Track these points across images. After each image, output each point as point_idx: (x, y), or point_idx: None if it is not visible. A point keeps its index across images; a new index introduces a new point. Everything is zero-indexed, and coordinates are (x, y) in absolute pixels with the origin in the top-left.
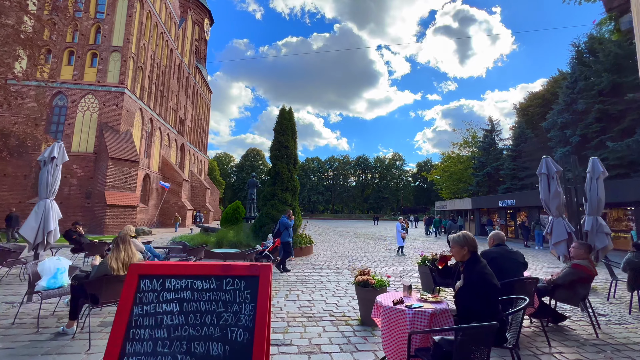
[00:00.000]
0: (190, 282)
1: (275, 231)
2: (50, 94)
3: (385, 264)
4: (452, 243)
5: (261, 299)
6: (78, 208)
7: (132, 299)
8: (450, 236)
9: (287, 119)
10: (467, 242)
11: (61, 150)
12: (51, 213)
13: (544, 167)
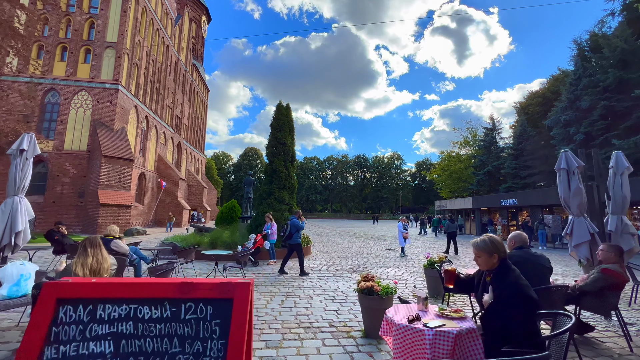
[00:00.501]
0: (133, 310)
1: (286, 233)
2: (42, 91)
3: (386, 265)
4: (478, 250)
5: (235, 332)
6: (71, 207)
7: (44, 337)
8: (474, 242)
9: (285, 115)
10: (497, 248)
11: (32, 143)
12: (20, 211)
13: (563, 162)
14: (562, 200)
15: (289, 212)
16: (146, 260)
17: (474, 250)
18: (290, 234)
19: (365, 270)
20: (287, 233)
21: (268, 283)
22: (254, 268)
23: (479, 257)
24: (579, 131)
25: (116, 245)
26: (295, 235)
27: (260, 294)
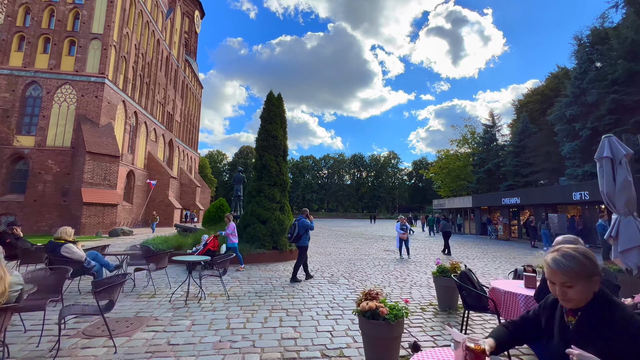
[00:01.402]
0: None
1: (294, 235)
2: (24, 84)
3: (386, 269)
4: (570, 275)
5: None
6: (53, 207)
7: None
8: (556, 262)
9: (276, 106)
10: (596, 266)
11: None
12: None
13: (606, 149)
14: (605, 197)
15: (281, 212)
16: (109, 267)
17: (560, 275)
18: (298, 235)
19: (363, 276)
20: (295, 234)
21: (253, 293)
22: (239, 274)
23: (570, 287)
24: (585, 127)
25: (68, 251)
26: (305, 236)
27: (240, 309)
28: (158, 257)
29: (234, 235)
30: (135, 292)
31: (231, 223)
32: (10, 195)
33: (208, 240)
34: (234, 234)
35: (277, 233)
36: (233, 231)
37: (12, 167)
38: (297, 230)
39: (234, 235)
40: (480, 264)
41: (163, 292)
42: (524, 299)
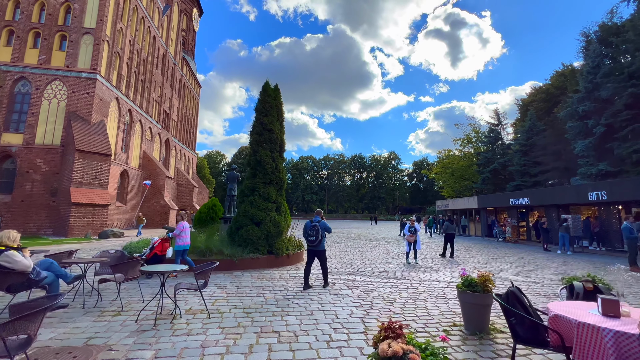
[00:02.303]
0: None
1: (319, 238)
2: (12, 80)
3: (394, 276)
4: None
5: None
6: (42, 207)
7: None
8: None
9: (272, 97)
10: None
11: None
12: None
13: None
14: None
15: (277, 212)
16: (66, 278)
17: None
18: (320, 240)
19: (368, 285)
20: (319, 239)
21: (240, 309)
22: (227, 282)
23: None
24: (599, 123)
25: (8, 259)
26: (324, 239)
27: (221, 332)
28: (127, 265)
29: (182, 237)
30: (98, 308)
31: (182, 222)
32: None
33: (155, 243)
34: (182, 235)
35: (273, 236)
36: (182, 232)
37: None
38: (320, 233)
39: (180, 237)
40: (495, 270)
41: (133, 308)
42: (614, 337)
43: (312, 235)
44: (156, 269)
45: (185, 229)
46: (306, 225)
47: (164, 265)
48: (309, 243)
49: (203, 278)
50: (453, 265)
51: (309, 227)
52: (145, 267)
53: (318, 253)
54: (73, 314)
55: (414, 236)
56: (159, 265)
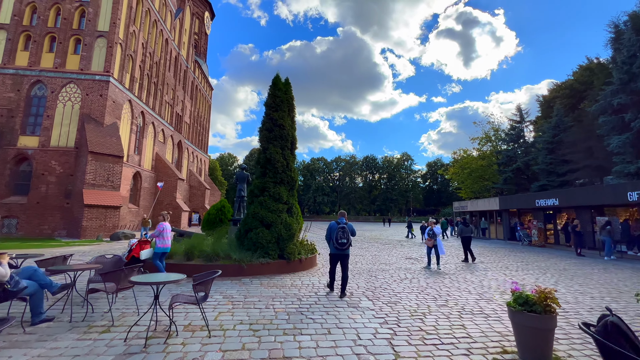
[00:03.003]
0: None
1: (348, 242)
2: (28, 83)
3: (417, 285)
4: None
5: None
6: (56, 209)
7: None
8: None
9: (283, 91)
10: None
11: None
12: None
13: None
14: None
15: (288, 214)
16: (51, 288)
17: None
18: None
19: (391, 295)
20: (349, 242)
21: (246, 324)
22: (234, 292)
23: None
24: (638, 117)
25: None
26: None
27: (222, 356)
28: (119, 273)
29: (162, 238)
30: (87, 322)
31: (162, 223)
32: (13, 197)
33: (133, 245)
34: (162, 236)
35: (284, 239)
36: (161, 233)
37: (16, 168)
38: (350, 237)
39: (160, 238)
40: (529, 278)
41: (125, 322)
42: None
43: (343, 238)
44: (149, 279)
45: (166, 230)
46: (332, 227)
47: (158, 274)
48: (338, 246)
49: (203, 290)
50: (479, 271)
51: (337, 229)
52: (137, 278)
53: (344, 258)
54: (57, 330)
55: (433, 240)
56: (154, 275)
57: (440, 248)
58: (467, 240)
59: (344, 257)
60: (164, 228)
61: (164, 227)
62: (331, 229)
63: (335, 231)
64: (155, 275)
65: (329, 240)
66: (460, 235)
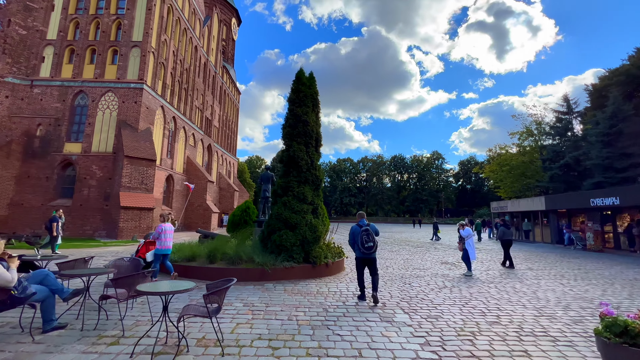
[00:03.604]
0: None
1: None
2: (72, 94)
3: (459, 295)
4: None
5: None
6: (97, 210)
7: None
8: None
9: (307, 86)
10: None
11: None
12: None
13: None
14: None
15: (313, 215)
16: (62, 293)
17: None
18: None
19: (429, 307)
20: (375, 243)
21: (265, 339)
22: (256, 298)
23: None
24: None
25: None
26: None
27: None
28: (132, 279)
29: (160, 240)
30: (98, 330)
31: (161, 224)
32: (60, 199)
33: (140, 246)
34: (160, 238)
35: (309, 242)
36: (161, 234)
37: (63, 173)
38: (374, 237)
39: (160, 240)
40: (596, 292)
41: (137, 333)
42: None
43: (369, 241)
44: (155, 288)
45: (166, 232)
46: (354, 231)
47: (167, 283)
48: (365, 250)
49: (216, 301)
50: (530, 280)
51: (361, 232)
52: (143, 286)
53: (371, 262)
54: (66, 339)
55: (461, 244)
56: (161, 283)
57: (471, 252)
58: (508, 243)
59: (372, 261)
60: (163, 229)
61: (162, 229)
62: (354, 233)
63: (359, 235)
64: (163, 283)
65: (352, 245)
66: (501, 238)
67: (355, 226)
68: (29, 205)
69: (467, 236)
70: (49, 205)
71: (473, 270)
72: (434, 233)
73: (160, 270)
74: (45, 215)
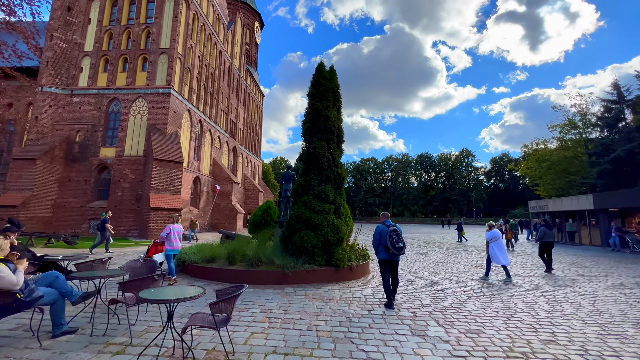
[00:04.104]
0: None
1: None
2: (107, 101)
3: (503, 306)
4: None
5: None
6: (130, 212)
7: None
8: None
9: (328, 79)
10: None
11: None
12: None
13: None
14: None
15: (336, 215)
16: (71, 297)
17: None
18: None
19: (468, 318)
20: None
21: (279, 356)
22: (274, 304)
23: None
24: None
25: None
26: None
27: None
28: (141, 283)
29: (169, 240)
30: (107, 337)
31: (169, 225)
32: (97, 201)
33: (149, 247)
34: (169, 239)
35: (332, 243)
36: (168, 235)
37: (99, 176)
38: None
39: (168, 240)
40: None
41: (145, 340)
42: None
43: (400, 242)
44: (158, 295)
45: (174, 232)
46: (382, 230)
47: (173, 288)
48: (395, 251)
49: (225, 310)
50: (583, 288)
51: (390, 232)
52: (146, 293)
53: (396, 264)
54: (73, 345)
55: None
56: (166, 289)
57: (495, 257)
58: (548, 246)
59: (396, 263)
60: (171, 230)
61: (170, 230)
62: (381, 232)
63: (387, 234)
64: (168, 289)
65: (377, 245)
66: (542, 240)
67: (382, 225)
68: (70, 206)
69: (492, 239)
70: (87, 206)
71: (512, 276)
72: (458, 234)
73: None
74: (84, 216)
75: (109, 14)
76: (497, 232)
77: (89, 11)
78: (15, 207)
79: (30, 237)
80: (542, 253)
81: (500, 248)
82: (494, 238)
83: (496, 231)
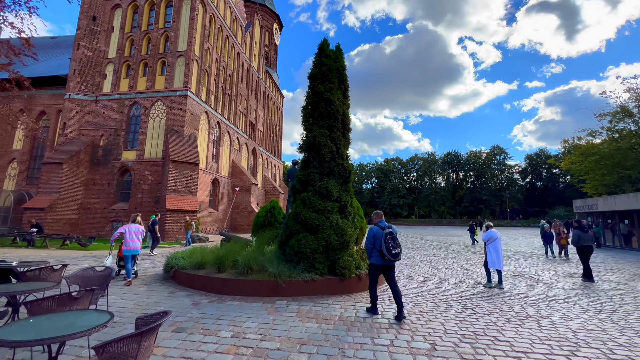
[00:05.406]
0: None
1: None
2: (128, 105)
3: (558, 335)
4: None
5: None
6: (149, 213)
7: None
8: None
9: (332, 59)
10: None
11: None
12: None
13: None
14: None
15: (341, 215)
16: None
17: None
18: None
19: (506, 348)
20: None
21: None
22: (256, 323)
23: None
24: None
25: None
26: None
27: None
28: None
29: (126, 241)
30: None
31: (124, 225)
32: (119, 203)
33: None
34: (126, 239)
35: (335, 248)
36: (124, 235)
37: (121, 178)
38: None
39: (124, 241)
40: None
41: None
42: None
43: (397, 247)
44: (32, 331)
45: (130, 232)
46: (376, 233)
47: (64, 315)
48: (392, 257)
49: (128, 355)
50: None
51: (385, 235)
52: (15, 327)
53: (391, 269)
54: None
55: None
56: (56, 316)
57: (495, 260)
58: (587, 251)
59: (391, 269)
60: (127, 230)
61: (125, 230)
62: (375, 235)
63: (381, 238)
64: (55, 317)
65: (371, 249)
66: (577, 244)
67: (376, 227)
68: (94, 209)
69: (488, 240)
70: (110, 208)
71: (562, 288)
72: (471, 237)
73: (119, 273)
74: (107, 218)
75: (131, 21)
76: (494, 232)
77: (112, 19)
78: (43, 210)
79: (44, 238)
80: (584, 258)
81: (497, 250)
82: (490, 239)
83: (493, 232)
